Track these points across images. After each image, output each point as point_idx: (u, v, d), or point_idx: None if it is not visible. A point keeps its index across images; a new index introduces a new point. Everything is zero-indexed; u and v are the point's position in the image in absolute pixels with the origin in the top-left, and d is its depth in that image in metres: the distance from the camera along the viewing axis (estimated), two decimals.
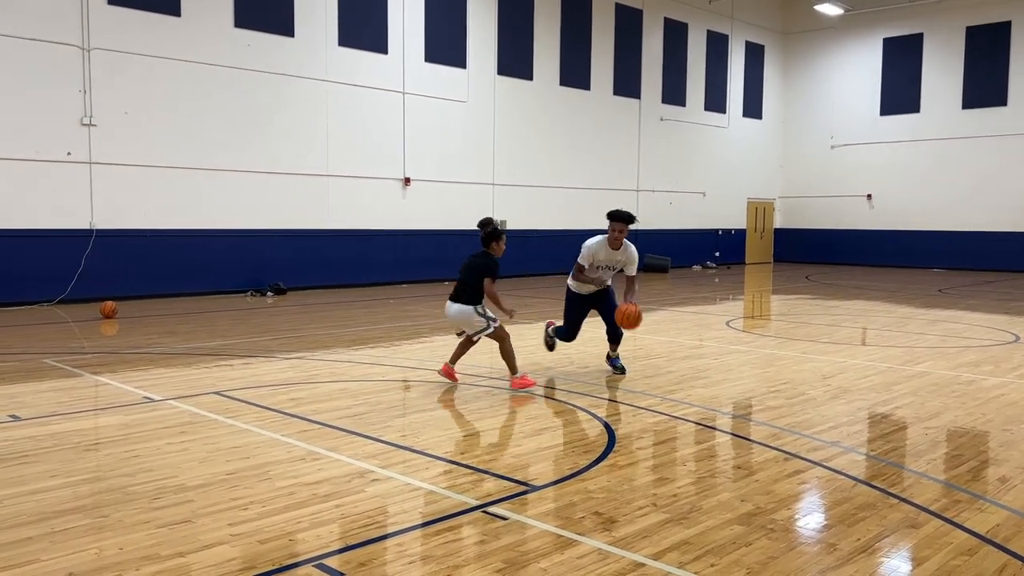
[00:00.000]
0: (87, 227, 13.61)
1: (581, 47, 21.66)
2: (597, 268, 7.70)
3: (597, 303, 7.94)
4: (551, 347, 8.39)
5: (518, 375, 7.19)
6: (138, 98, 14.04)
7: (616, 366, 7.92)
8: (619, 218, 7.41)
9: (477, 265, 7.19)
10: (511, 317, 7.22)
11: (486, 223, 7.38)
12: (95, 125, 13.58)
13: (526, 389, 7.07)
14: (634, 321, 7.37)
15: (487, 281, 7.08)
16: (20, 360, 8.41)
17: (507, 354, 7.18)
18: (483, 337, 7.22)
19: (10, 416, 6.03)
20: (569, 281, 7.98)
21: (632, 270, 7.70)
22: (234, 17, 15.14)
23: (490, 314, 7.22)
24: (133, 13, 13.88)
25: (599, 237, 7.64)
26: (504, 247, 7.34)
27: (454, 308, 7.22)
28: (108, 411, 6.27)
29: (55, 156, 13.23)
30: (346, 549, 3.68)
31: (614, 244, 7.54)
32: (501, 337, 7.17)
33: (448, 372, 7.32)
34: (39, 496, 4.31)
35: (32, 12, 12.85)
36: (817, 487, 4.63)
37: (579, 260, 7.70)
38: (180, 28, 14.46)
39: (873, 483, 4.68)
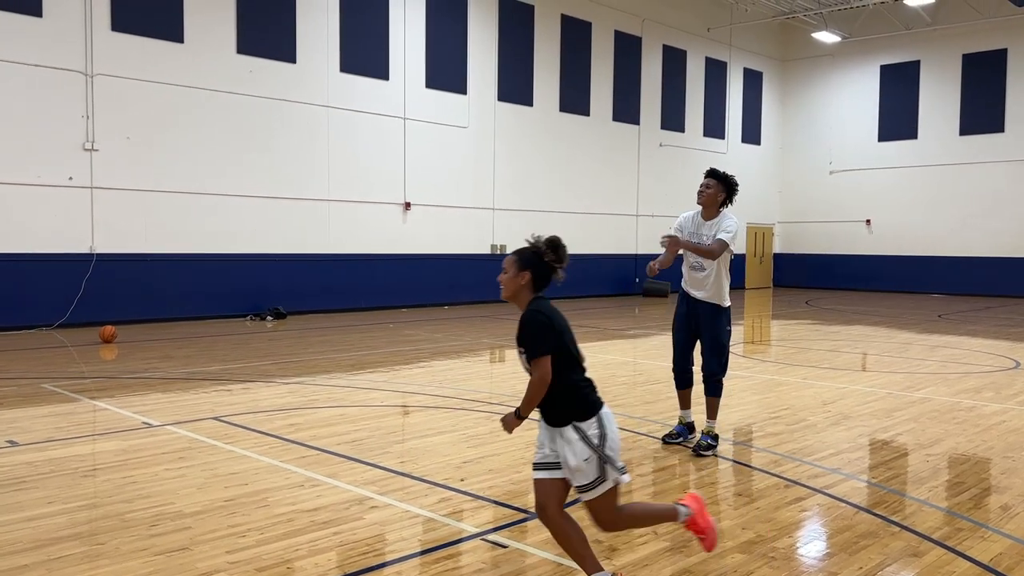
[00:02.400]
0: (88, 251, 13.63)
1: (581, 74, 21.83)
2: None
3: (697, 321, 6.10)
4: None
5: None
6: (140, 123, 14.12)
7: (700, 444, 5.85)
8: (710, 173, 6.06)
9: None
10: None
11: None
12: (97, 150, 13.65)
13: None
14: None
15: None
16: (19, 385, 8.38)
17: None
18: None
19: (8, 442, 6.01)
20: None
21: (719, 235, 5.92)
22: (236, 43, 15.27)
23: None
24: (136, 39, 14.00)
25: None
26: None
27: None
28: (106, 437, 6.24)
29: (57, 181, 13.28)
30: None
31: (705, 202, 6.03)
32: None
33: None
34: (35, 523, 4.28)
35: (36, 38, 12.96)
36: (818, 515, 4.61)
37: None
38: (182, 54, 14.57)
39: (875, 511, 4.65)
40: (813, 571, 3.81)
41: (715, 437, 5.98)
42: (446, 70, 18.69)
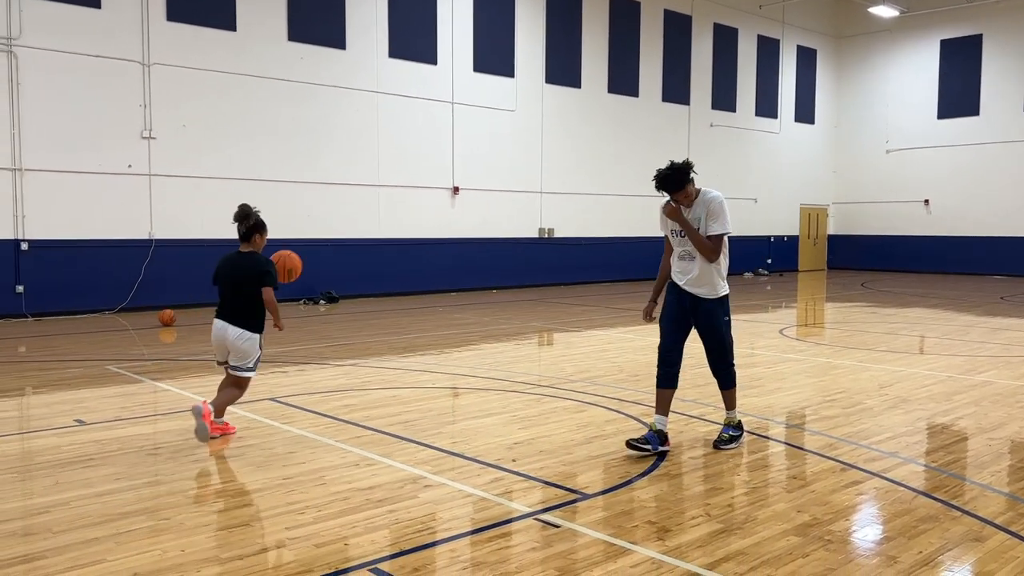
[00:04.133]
0: (146, 237, 14.00)
1: (629, 54, 21.60)
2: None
3: (694, 316, 5.60)
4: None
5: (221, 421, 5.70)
6: (195, 111, 14.41)
7: (721, 438, 5.57)
8: (662, 186, 5.40)
9: (247, 270, 5.64)
10: (280, 330, 5.94)
11: (244, 215, 5.96)
12: (154, 138, 13.97)
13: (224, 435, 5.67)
14: None
15: (267, 291, 5.65)
16: (85, 366, 8.67)
17: (233, 398, 5.72)
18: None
19: (76, 420, 6.23)
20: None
21: (713, 228, 5.39)
22: (288, 31, 15.46)
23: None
24: (190, 29, 14.27)
25: None
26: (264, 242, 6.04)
27: (233, 332, 5.59)
28: (168, 416, 6.43)
29: (116, 168, 13.64)
30: (400, 554, 3.71)
31: (688, 204, 5.46)
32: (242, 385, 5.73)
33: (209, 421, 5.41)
34: (104, 498, 4.44)
35: (95, 30, 13.28)
36: (876, 498, 4.54)
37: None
38: (235, 42, 14.81)
39: (934, 495, 4.56)
40: (871, 555, 3.76)
41: (738, 426, 5.60)
42: (494, 53, 18.67)
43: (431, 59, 17.56)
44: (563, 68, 20.12)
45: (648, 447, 5.27)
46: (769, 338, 11.17)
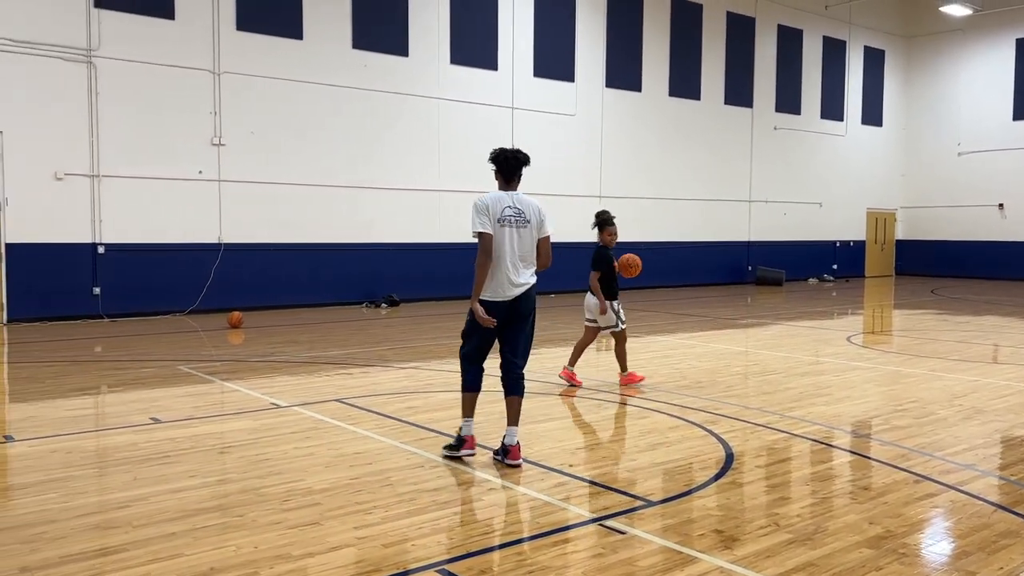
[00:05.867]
0: (216, 241, 14.38)
1: (691, 57, 21.38)
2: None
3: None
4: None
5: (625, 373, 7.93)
6: (263, 118, 14.76)
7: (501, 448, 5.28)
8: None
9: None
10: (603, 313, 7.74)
11: (600, 213, 8.35)
12: (224, 145, 14.36)
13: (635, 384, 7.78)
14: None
15: (591, 274, 7.81)
16: (158, 367, 8.95)
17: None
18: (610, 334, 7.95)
19: (152, 419, 6.44)
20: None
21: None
22: (352, 39, 15.73)
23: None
24: (259, 38, 14.63)
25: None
26: (612, 237, 8.06)
27: (589, 300, 7.98)
28: (238, 416, 6.60)
29: (188, 175, 14.06)
30: (466, 556, 3.75)
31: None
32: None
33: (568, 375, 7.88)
34: (180, 495, 4.58)
35: (169, 40, 13.72)
36: (952, 511, 4.41)
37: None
38: (302, 51, 15.13)
39: (1015, 509, 4.41)
40: (948, 570, 3.66)
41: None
42: (554, 59, 18.69)
43: (492, 65, 17.67)
44: (624, 72, 20.03)
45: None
46: (836, 345, 10.93)
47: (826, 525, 4.14)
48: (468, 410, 5.42)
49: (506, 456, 5.17)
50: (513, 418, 5.29)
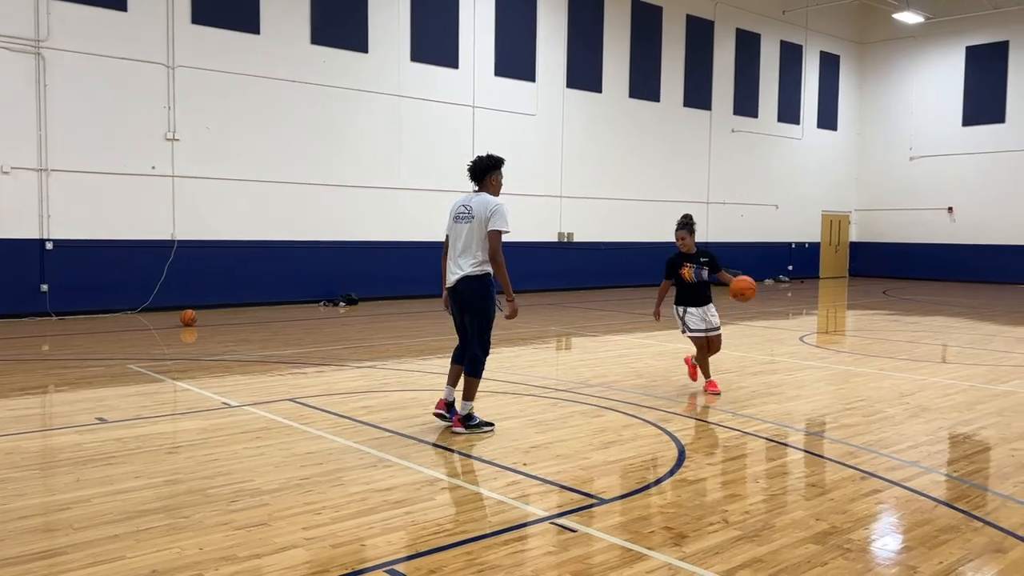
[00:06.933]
0: (169, 238, 14.13)
1: (651, 59, 21.55)
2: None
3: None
4: None
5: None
6: (218, 114, 14.53)
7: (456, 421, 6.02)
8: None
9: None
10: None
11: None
12: (178, 140, 14.11)
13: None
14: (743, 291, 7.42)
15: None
16: (106, 365, 8.76)
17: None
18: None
19: (97, 419, 6.30)
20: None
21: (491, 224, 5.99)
22: (311, 34, 15.57)
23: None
24: (214, 31, 14.40)
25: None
26: (681, 242, 7.56)
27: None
28: (188, 416, 6.48)
29: (141, 170, 13.79)
30: (416, 556, 3.72)
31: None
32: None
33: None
34: (124, 496, 4.48)
35: (121, 32, 13.44)
36: (896, 507, 4.49)
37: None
38: (259, 45, 14.93)
39: (956, 505, 4.51)
40: (890, 564, 3.73)
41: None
42: (515, 58, 18.70)
43: (452, 63, 17.62)
44: (584, 73, 20.11)
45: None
46: (789, 345, 11.10)
47: (774, 522, 4.20)
48: (449, 379, 6.24)
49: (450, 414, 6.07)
50: (458, 385, 6.12)
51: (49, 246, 12.98)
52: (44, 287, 12.96)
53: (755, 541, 3.93)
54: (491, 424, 6.08)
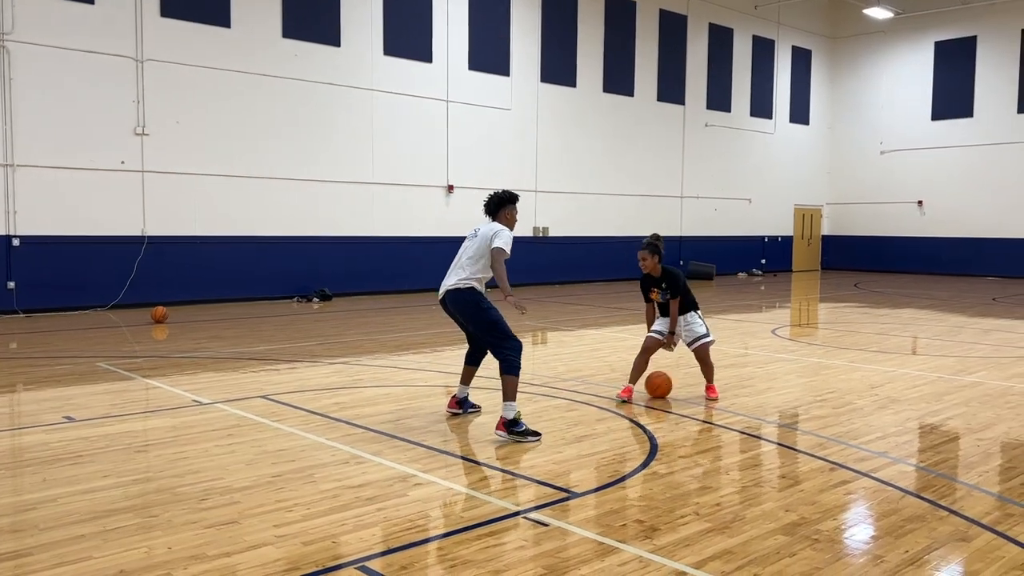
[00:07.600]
0: (139, 234, 13.95)
1: (625, 54, 21.60)
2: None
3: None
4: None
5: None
6: (189, 108, 14.36)
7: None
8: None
9: None
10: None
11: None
12: (147, 134, 13.93)
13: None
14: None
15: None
16: (75, 363, 8.64)
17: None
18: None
19: (65, 417, 6.21)
20: None
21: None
22: (282, 28, 15.42)
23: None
24: (184, 25, 14.22)
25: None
26: (641, 263, 6.93)
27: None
28: (158, 414, 6.41)
29: (109, 165, 13.60)
30: (389, 552, 3.71)
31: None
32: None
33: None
34: (91, 495, 4.43)
35: (88, 25, 13.23)
36: (864, 498, 4.55)
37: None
38: (230, 39, 14.77)
39: (922, 495, 4.58)
40: (858, 554, 3.77)
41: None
42: (489, 52, 18.66)
43: (426, 57, 17.54)
44: (558, 67, 20.12)
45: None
46: (761, 338, 11.19)
47: (744, 513, 4.23)
48: (462, 379, 6.45)
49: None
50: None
51: (16, 242, 12.77)
52: (11, 284, 12.75)
53: (725, 533, 3.96)
54: (538, 434, 5.65)
